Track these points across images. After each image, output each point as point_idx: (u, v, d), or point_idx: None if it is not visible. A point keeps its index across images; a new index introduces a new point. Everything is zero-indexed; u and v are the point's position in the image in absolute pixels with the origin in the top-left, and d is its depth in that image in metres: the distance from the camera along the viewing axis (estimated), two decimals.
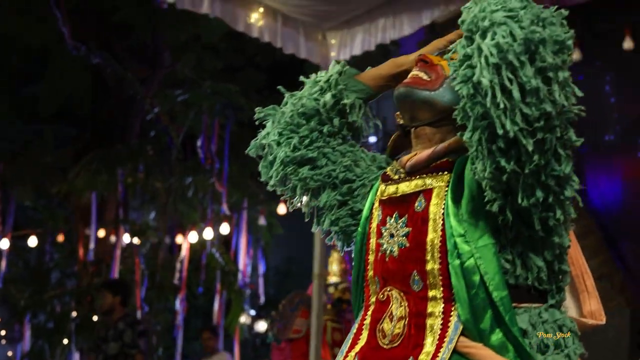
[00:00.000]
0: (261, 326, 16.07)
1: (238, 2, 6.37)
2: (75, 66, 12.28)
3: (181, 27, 11.45)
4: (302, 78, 2.64)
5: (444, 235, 2.17)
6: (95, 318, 11.91)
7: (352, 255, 2.51)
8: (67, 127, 13.95)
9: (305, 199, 2.57)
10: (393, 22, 6.44)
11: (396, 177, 2.39)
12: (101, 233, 12.86)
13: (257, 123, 2.63)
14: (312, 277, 6.84)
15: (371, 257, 2.37)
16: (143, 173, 12.39)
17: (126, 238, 12.52)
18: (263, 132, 2.60)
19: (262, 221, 13.52)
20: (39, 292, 13.16)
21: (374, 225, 2.40)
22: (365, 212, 2.45)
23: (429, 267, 2.17)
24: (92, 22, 12.35)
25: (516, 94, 1.90)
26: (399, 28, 6.42)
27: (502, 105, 1.91)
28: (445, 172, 2.25)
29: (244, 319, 14.61)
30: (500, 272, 2.09)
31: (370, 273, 2.36)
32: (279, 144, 2.53)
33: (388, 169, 2.47)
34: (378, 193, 2.43)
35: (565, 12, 2.00)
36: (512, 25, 1.94)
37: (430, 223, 2.21)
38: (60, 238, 13.31)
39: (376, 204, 2.42)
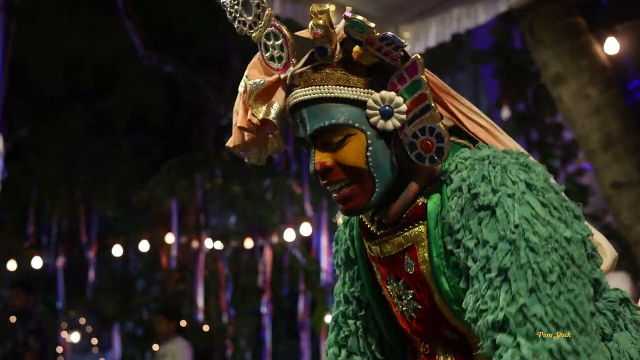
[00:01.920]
0: None
1: (308, 2, 6.30)
2: (147, 76, 12.37)
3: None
4: None
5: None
6: (183, 323, 12.00)
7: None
8: (143, 136, 14.07)
9: None
10: (467, 11, 6.32)
11: (373, 229, 2.12)
12: (183, 239, 12.95)
13: None
14: None
15: (393, 309, 2.18)
16: (221, 178, 12.45)
17: (208, 243, 12.59)
18: None
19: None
20: (125, 300, 13.34)
21: (378, 276, 2.21)
22: (360, 263, 2.25)
23: (453, 322, 2.01)
24: (161, 32, 12.42)
25: None
26: (474, 17, 6.30)
27: None
28: (421, 221, 1.99)
29: (329, 319, 14.57)
30: None
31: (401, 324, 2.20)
32: None
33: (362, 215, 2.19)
34: (365, 245, 2.19)
35: None
36: None
37: (430, 283, 2.01)
38: (143, 246, 13.42)
39: (368, 256, 2.21)
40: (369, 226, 2.15)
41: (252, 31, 2.02)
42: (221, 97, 12.57)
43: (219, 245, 12.78)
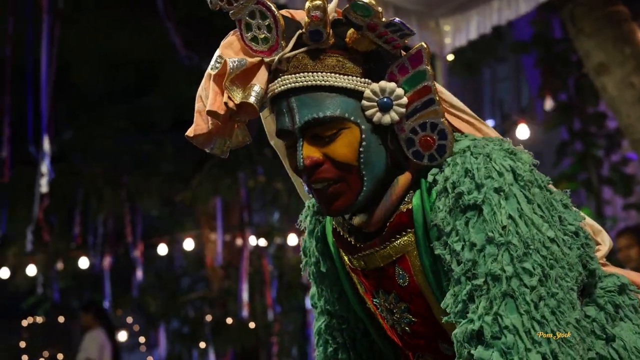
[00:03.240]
0: None
1: None
2: (188, 75, 12.43)
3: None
4: None
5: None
6: (229, 321, 12.07)
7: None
8: (184, 135, 14.13)
9: None
10: (508, 2, 6.27)
11: (352, 240, 1.93)
12: (227, 237, 13.01)
13: None
14: None
15: (381, 321, 2.02)
16: (263, 175, 12.46)
17: (252, 240, 12.63)
18: None
19: None
20: (171, 298, 13.43)
21: (359, 289, 2.03)
22: (341, 276, 2.07)
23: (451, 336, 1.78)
24: (200, 30, 12.46)
25: None
26: (515, 7, 6.25)
27: None
28: (408, 229, 1.83)
29: None
30: None
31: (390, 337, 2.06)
32: None
33: (334, 223, 2.01)
34: (343, 258, 2.01)
35: None
36: None
37: (426, 294, 1.86)
38: (188, 245, 13.50)
39: (347, 267, 2.02)
40: (346, 237, 1.96)
41: (230, 7, 1.81)
42: None
43: (262, 242, 12.81)
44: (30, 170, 9.68)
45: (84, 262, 13.11)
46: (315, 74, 1.76)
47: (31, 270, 12.74)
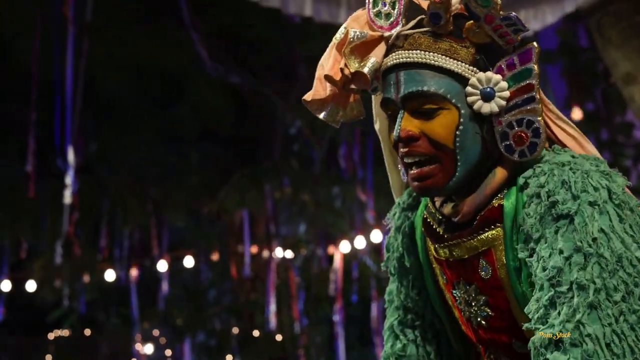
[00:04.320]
0: None
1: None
2: (214, 86, 12.46)
3: (316, 38, 11.48)
4: None
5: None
6: (256, 333, 12.06)
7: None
8: (211, 147, 14.17)
9: None
10: (535, 12, 6.25)
11: (441, 231, 2.01)
12: (253, 249, 13.01)
13: None
14: None
15: (458, 314, 2.09)
16: (290, 187, 12.47)
17: (279, 252, 12.63)
18: None
19: None
20: (198, 311, 13.44)
21: (440, 280, 2.12)
22: (425, 267, 2.16)
23: (527, 334, 1.86)
24: (227, 41, 12.50)
25: None
26: (542, 18, 6.23)
27: None
28: (497, 224, 1.90)
29: None
30: None
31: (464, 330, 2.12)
32: None
33: (426, 213, 2.09)
34: (429, 248, 2.10)
35: None
36: None
37: (507, 289, 1.91)
38: (214, 257, 13.52)
39: (431, 258, 2.11)
40: (435, 227, 2.04)
41: None
42: (288, 105, 12.61)
43: (289, 254, 12.80)
44: (58, 183, 9.73)
45: (110, 275, 13.14)
46: (427, 52, 1.86)
47: (57, 283, 12.78)
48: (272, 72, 13.21)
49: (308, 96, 1.96)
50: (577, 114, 9.82)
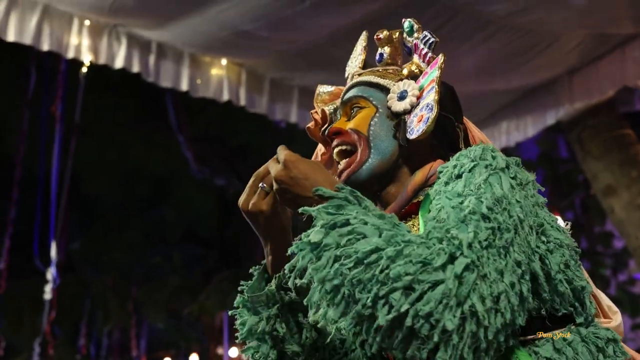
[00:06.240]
0: None
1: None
2: (199, 189, 12.54)
3: (298, 142, 11.63)
4: None
5: None
6: None
7: None
8: (194, 248, 14.17)
9: None
10: (517, 124, 6.39)
11: None
12: (233, 352, 12.90)
13: None
14: None
15: None
16: None
17: None
18: None
19: None
20: None
21: None
22: None
23: None
24: (213, 145, 12.63)
25: None
26: (523, 130, 6.37)
27: None
28: (414, 216, 2.05)
29: None
30: None
31: None
32: None
33: None
34: None
35: None
36: None
37: None
38: (194, 358, 13.39)
39: None
40: None
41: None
42: None
43: None
44: (38, 280, 9.69)
45: None
46: (364, 76, 2.27)
47: None
48: None
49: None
50: (560, 222, 9.91)
